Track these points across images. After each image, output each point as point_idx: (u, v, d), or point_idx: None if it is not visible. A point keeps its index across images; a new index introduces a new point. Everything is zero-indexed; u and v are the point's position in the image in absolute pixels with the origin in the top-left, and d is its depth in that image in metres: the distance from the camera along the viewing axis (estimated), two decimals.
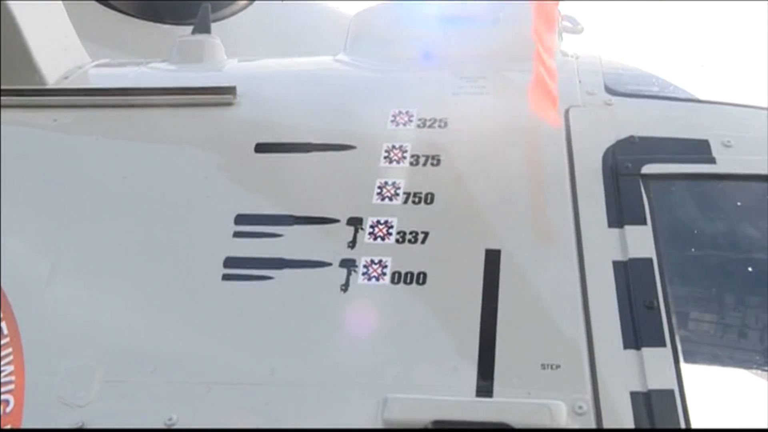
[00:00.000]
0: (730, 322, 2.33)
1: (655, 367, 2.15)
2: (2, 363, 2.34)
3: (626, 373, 2.15)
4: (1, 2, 2.85)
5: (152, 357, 2.30)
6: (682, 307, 2.29)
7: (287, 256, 2.42)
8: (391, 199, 2.51)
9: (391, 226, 2.46)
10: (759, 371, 2.31)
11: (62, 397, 2.25)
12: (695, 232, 2.44)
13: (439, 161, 2.58)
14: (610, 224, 2.38)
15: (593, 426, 2.09)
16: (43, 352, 2.34)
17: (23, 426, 2.24)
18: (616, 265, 2.31)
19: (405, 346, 2.26)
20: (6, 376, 2.32)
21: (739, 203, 2.48)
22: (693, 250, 2.43)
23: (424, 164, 2.58)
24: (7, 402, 2.28)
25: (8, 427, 2.25)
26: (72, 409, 2.23)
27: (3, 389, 2.30)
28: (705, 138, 2.52)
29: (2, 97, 2.87)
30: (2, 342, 2.37)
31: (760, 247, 2.40)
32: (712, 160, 2.48)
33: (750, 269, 2.38)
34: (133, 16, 4.12)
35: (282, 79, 3.05)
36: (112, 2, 4.16)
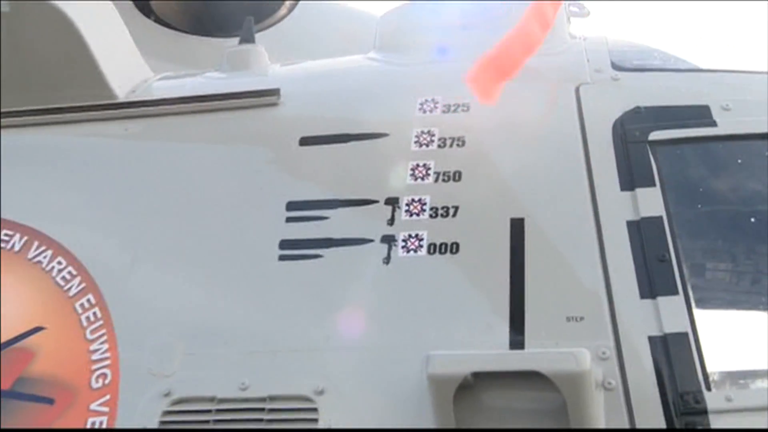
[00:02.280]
0: (737, 270, 2.32)
1: (669, 313, 2.16)
2: (98, 342, 2.43)
3: (644, 320, 2.16)
4: (74, 30, 2.92)
5: (224, 331, 2.37)
6: (692, 259, 2.27)
7: (334, 236, 2.46)
8: (423, 178, 2.53)
9: (425, 203, 2.48)
10: (764, 312, 2.29)
11: (151, 369, 2.34)
12: (701, 190, 2.42)
13: (464, 142, 2.59)
14: (623, 188, 2.38)
15: (617, 368, 2.11)
16: (131, 332, 2.42)
17: (121, 395, 2.33)
18: (630, 224, 2.31)
19: (443, 308, 2.29)
20: (102, 353, 2.41)
21: (740, 161, 2.45)
22: (699, 206, 2.41)
23: (451, 146, 2.59)
24: (105, 375, 2.38)
25: (108, 397, 2.34)
26: (160, 379, 2.31)
27: (101, 364, 2.40)
28: (705, 104, 2.49)
29: (81, 113, 2.95)
30: (97, 324, 2.46)
31: (762, 200, 2.37)
32: (713, 123, 2.45)
33: (753, 221, 2.36)
34: (186, 32, 4.17)
35: (320, 78, 3.06)
36: (168, 21, 4.22)
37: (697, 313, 2.16)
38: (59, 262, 2.58)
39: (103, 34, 3.04)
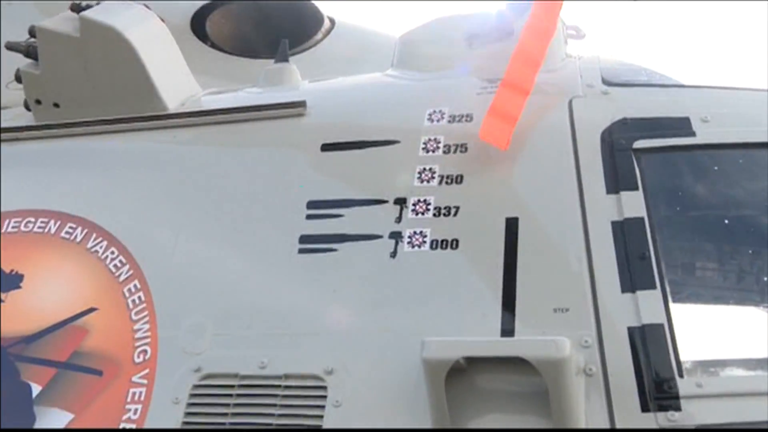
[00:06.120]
0: (710, 267, 2.19)
1: (647, 306, 2.05)
2: (141, 322, 2.42)
3: (624, 311, 2.06)
4: (134, 51, 2.91)
5: (248, 315, 2.34)
6: (669, 257, 2.16)
7: (347, 232, 2.40)
8: (428, 181, 2.46)
9: (429, 203, 2.41)
10: (734, 306, 2.16)
11: (184, 347, 2.32)
12: (680, 194, 2.30)
13: (466, 148, 2.51)
14: (608, 191, 2.27)
15: (598, 356, 2.00)
16: (169, 314, 2.41)
17: (158, 370, 2.30)
18: (614, 224, 2.21)
19: (443, 298, 2.22)
20: (144, 332, 2.40)
21: (716, 168, 2.33)
22: (678, 209, 2.29)
23: (455, 152, 2.51)
24: (145, 351, 2.36)
25: (147, 371, 2.31)
26: (191, 357, 2.29)
27: (143, 342, 2.38)
28: (686, 116, 2.36)
29: (136, 123, 2.93)
30: (141, 307, 2.46)
31: (736, 204, 2.25)
32: (693, 134, 2.33)
33: (726, 223, 2.23)
34: (230, 53, 4.16)
35: (341, 92, 3.01)
36: (221, 46, 4.21)
37: (673, 306, 2.06)
38: (112, 252, 2.58)
39: (158, 55, 3.03)
